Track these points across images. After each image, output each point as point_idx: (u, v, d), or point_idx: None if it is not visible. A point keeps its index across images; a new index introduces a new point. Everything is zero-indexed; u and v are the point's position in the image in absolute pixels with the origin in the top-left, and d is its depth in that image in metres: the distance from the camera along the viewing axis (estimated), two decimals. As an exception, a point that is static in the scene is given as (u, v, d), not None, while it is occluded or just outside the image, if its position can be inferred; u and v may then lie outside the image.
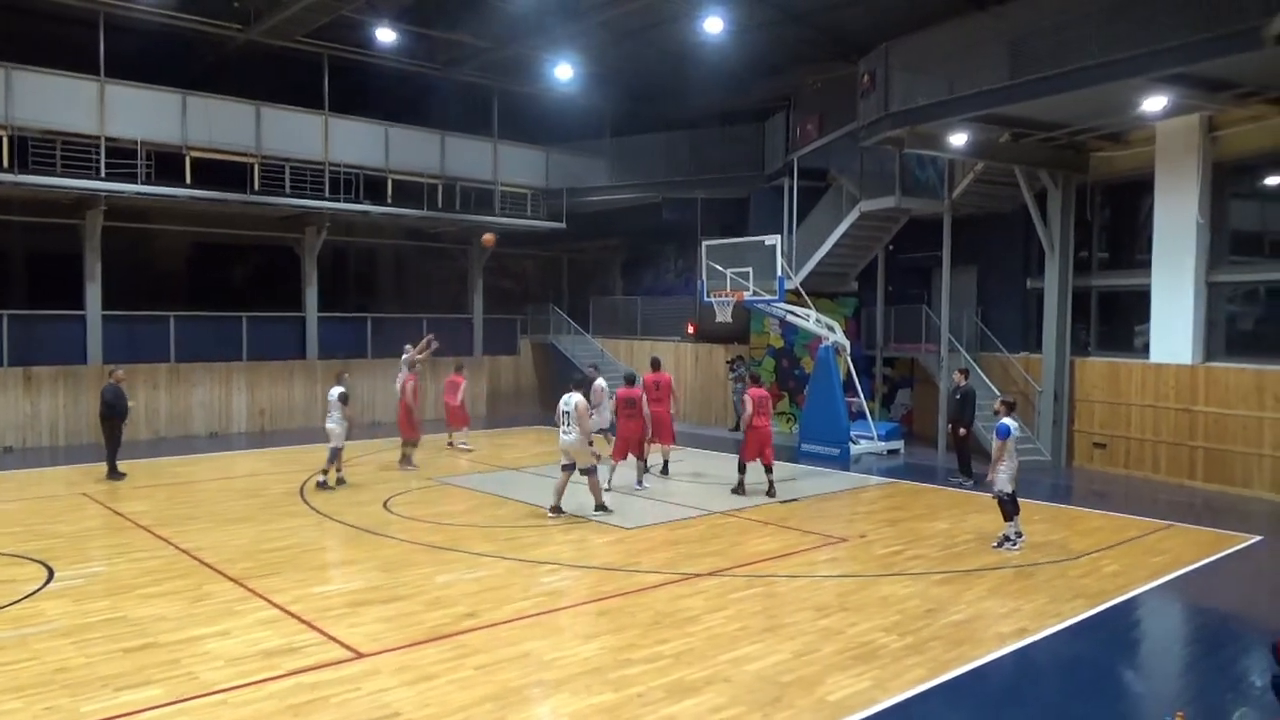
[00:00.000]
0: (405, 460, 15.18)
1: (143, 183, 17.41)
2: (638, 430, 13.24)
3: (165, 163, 17.78)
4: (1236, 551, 10.43)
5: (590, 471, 11.49)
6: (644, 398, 13.41)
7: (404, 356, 16.01)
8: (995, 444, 10.14)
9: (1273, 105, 13.15)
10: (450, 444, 17.64)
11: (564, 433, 11.40)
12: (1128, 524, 11.64)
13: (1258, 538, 11.04)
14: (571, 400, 11.40)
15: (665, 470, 14.63)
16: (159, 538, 10.26)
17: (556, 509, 11.45)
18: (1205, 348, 14.63)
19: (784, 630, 7.38)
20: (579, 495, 11.69)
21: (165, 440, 18.37)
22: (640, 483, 13.52)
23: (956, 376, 15.08)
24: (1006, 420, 10.29)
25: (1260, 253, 15.03)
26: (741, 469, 13.27)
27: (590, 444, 11.66)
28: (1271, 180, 14.69)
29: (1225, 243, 14.71)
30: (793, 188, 19.56)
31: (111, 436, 13.87)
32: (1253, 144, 14.04)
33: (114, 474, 13.76)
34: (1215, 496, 13.75)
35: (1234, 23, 10.83)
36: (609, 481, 12.83)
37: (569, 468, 11.39)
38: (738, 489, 13.20)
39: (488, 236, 17.48)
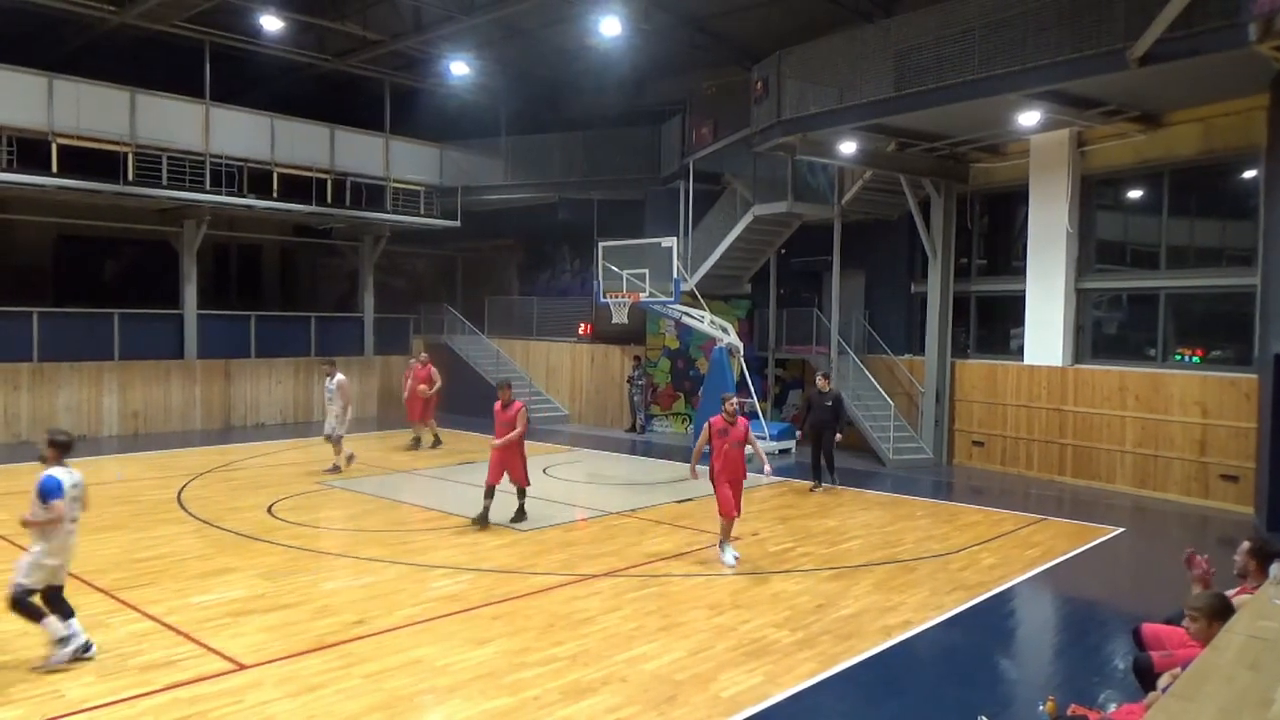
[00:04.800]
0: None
1: (3, 169, 16.29)
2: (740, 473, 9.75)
3: (28, 149, 16.69)
4: (1102, 543, 11.05)
5: None
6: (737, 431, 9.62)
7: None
8: (42, 506, 6.63)
9: (1135, 123, 14.01)
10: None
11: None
12: (1004, 518, 12.20)
13: (1120, 529, 11.76)
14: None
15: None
16: (20, 548, 9.61)
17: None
18: (1074, 351, 15.46)
19: (678, 629, 7.44)
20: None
21: (27, 444, 17.27)
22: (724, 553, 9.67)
23: (821, 382, 14.44)
24: (57, 472, 6.78)
25: (1123, 261, 15.97)
26: (521, 494, 11.19)
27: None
28: (1133, 193, 15.64)
29: (1092, 252, 15.58)
30: (688, 191, 19.78)
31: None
32: (1117, 159, 14.92)
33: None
34: (1082, 491, 14.54)
35: (1101, 44, 11.51)
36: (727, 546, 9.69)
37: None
38: (519, 516, 11.13)
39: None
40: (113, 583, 8.40)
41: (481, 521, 10.83)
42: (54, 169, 16.94)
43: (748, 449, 9.84)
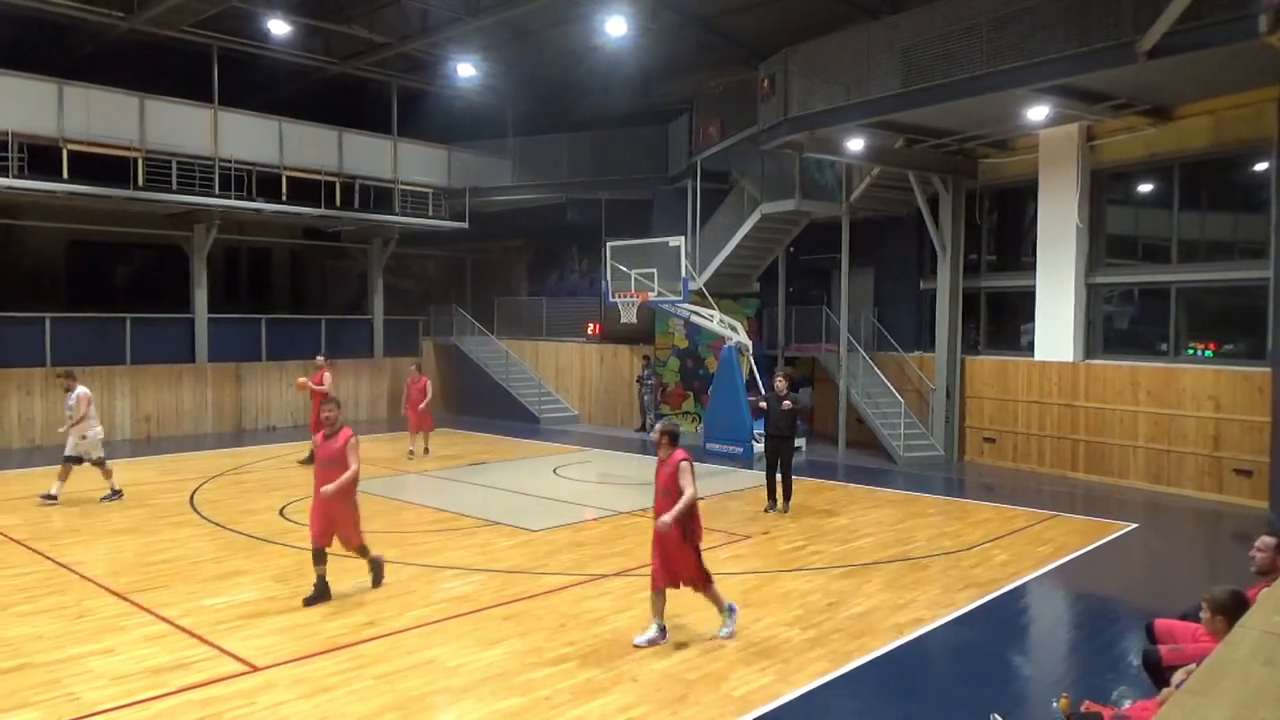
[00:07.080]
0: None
1: (14, 176, 16.40)
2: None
3: (39, 155, 16.78)
4: (1115, 539, 11.00)
5: None
6: None
7: None
8: None
9: (1145, 117, 13.93)
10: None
11: None
12: (1015, 515, 12.14)
13: (1133, 525, 11.69)
14: None
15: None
16: (34, 551, 9.69)
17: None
18: (1085, 346, 15.39)
19: (689, 628, 7.43)
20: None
21: (41, 449, 17.38)
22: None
23: (779, 383, 12.47)
24: None
25: (1134, 256, 15.88)
26: (371, 559, 8.51)
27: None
28: (1144, 187, 15.55)
29: (1102, 246, 15.50)
30: (696, 189, 19.75)
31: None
32: (1127, 153, 14.85)
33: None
34: (1095, 486, 14.46)
35: (1109, 37, 11.45)
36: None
37: None
38: (377, 579, 8.51)
39: None
40: (126, 586, 8.43)
41: (318, 598, 7.95)
42: (64, 175, 17.04)
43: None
